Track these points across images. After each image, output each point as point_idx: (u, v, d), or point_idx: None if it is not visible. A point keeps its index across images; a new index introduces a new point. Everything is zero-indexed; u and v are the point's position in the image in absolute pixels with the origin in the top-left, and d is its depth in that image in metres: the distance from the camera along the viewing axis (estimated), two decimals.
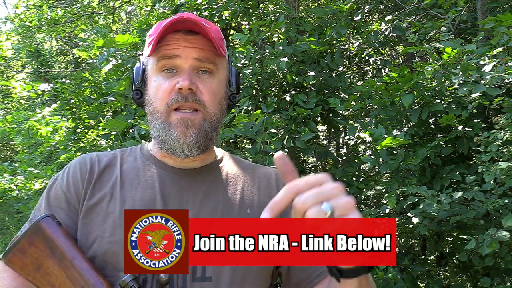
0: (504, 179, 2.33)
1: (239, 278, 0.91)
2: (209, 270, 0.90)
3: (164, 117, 0.94)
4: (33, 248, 0.87)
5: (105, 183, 0.97)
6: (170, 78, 0.93)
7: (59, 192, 0.97)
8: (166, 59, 0.93)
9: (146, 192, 0.95)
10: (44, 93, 5.04)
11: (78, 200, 0.96)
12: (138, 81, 0.99)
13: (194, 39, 0.94)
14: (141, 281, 0.87)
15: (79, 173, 0.98)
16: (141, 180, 0.98)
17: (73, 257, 0.86)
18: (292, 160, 2.82)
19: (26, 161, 4.90)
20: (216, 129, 0.97)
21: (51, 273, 0.86)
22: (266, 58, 3.23)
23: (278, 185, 1.03)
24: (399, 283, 2.80)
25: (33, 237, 0.87)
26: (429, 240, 3.94)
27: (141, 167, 1.01)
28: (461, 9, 3.29)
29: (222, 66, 0.99)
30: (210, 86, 0.95)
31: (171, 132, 0.93)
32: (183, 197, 0.95)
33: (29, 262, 0.86)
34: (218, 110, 0.97)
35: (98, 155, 1.03)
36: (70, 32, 8.44)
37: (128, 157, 1.04)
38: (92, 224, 0.93)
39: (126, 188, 0.96)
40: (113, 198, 0.95)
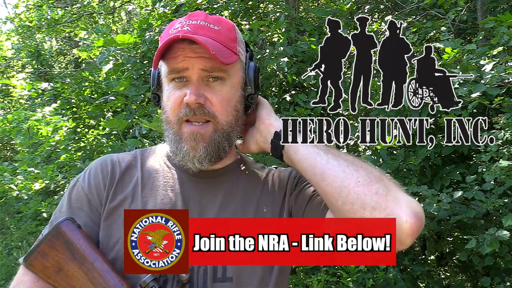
0: (504, 179, 2.33)
1: (259, 278, 0.92)
2: (230, 271, 0.90)
3: (176, 129, 0.95)
4: (54, 251, 0.88)
5: (126, 185, 0.98)
6: (180, 89, 0.93)
7: (81, 194, 0.98)
8: (176, 73, 0.93)
9: (167, 195, 0.96)
10: (44, 93, 5.04)
11: (100, 202, 0.96)
12: (154, 85, 1.00)
13: (200, 48, 0.91)
14: (161, 282, 0.88)
15: (100, 175, 0.99)
16: (162, 182, 0.98)
17: (94, 259, 0.87)
18: None
19: (26, 161, 4.90)
20: (229, 138, 0.96)
21: (72, 276, 0.87)
22: (266, 58, 3.23)
23: (290, 174, 1.04)
24: (399, 283, 2.80)
25: (53, 240, 0.88)
26: (429, 240, 3.94)
27: (161, 168, 1.01)
28: (461, 9, 3.28)
29: (234, 69, 0.96)
30: (220, 94, 0.93)
31: (182, 145, 0.94)
32: (204, 199, 0.96)
33: (50, 265, 0.88)
34: (232, 116, 0.96)
35: (118, 156, 1.04)
36: (70, 32, 8.44)
37: (148, 158, 1.04)
38: (114, 226, 0.94)
39: (147, 190, 0.97)
40: (134, 200, 0.96)
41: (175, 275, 0.88)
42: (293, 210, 0.99)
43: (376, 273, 2.76)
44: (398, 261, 3.11)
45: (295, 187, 1.02)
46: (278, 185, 1.02)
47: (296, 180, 1.02)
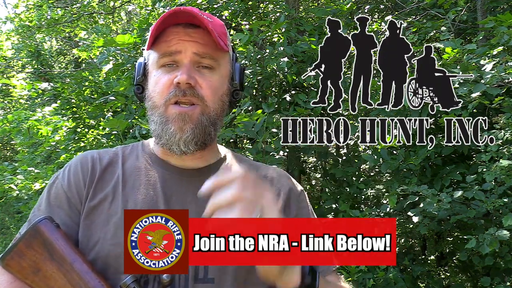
0: (504, 179, 2.33)
1: (241, 279, 0.90)
2: (211, 271, 0.89)
3: (162, 110, 0.92)
4: (31, 251, 0.85)
5: (107, 183, 0.95)
6: (170, 73, 0.92)
7: (60, 192, 0.95)
8: (167, 56, 0.92)
9: (148, 193, 0.94)
10: (44, 93, 5.04)
11: (80, 200, 0.94)
12: (139, 75, 0.98)
13: (195, 33, 0.92)
14: (142, 283, 0.86)
15: (80, 172, 0.96)
16: (143, 180, 0.96)
17: (73, 260, 0.85)
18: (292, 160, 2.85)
19: (26, 161, 4.89)
20: (215, 124, 0.95)
21: (50, 277, 0.85)
22: (267, 58, 3.23)
23: (282, 183, 1.02)
24: (399, 283, 2.80)
25: (31, 240, 0.86)
26: (429, 240, 3.94)
27: (143, 166, 0.99)
28: (461, 9, 3.28)
29: (224, 61, 0.97)
30: (210, 81, 0.93)
31: (168, 127, 0.91)
32: (186, 198, 0.94)
33: (27, 265, 0.85)
34: (218, 106, 0.95)
35: (99, 153, 1.01)
36: (70, 32, 8.44)
37: (130, 155, 1.02)
38: (94, 226, 0.91)
39: (128, 189, 0.95)
40: (115, 199, 0.93)
41: (156, 276, 0.86)
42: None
43: (376, 273, 2.76)
44: (398, 261, 3.11)
45: (290, 205, 1.01)
46: (272, 189, 1.00)
47: (295, 198, 1.02)
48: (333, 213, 3.48)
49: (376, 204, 3.49)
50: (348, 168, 3.32)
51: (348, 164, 3.45)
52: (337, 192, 3.39)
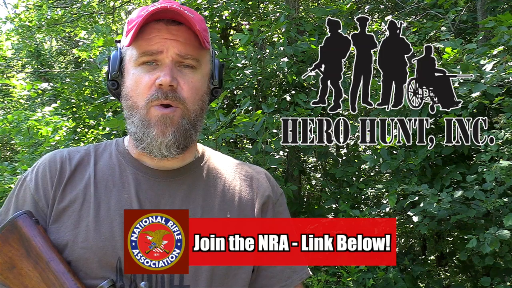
0: (505, 179, 2.33)
1: (218, 284, 0.88)
2: (187, 278, 0.86)
3: (143, 113, 0.88)
4: (8, 247, 0.83)
5: (77, 184, 0.91)
6: (150, 72, 0.88)
7: (28, 195, 0.91)
8: (148, 56, 0.88)
9: (122, 196, 0.90)
10: (44, 93, 5.04)
11: (47, 203, 0.89)
12: (115, 71, 0.92)
13: (177, 30, 0.88)
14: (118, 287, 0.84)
15: (48, 173, 0.91)
16: (116, 182, 0.92)
17: (50, 259, 0.82)
18: (292, 160, 2.85)
19: (26, 161, 4.89)
20: (195, 126, 0.92)
21: (25, 274, 0.82)
22: (267, 58, 3.23)
23: (260, 186, 0.99)
24: (399, 283, 2.80)
25: (8, 235, 0.83)
26: (429, 240, 3.94)
27: (116, 166, 0.94)
28: (461, 9, 3.28)
29: (205, 60, 0.94)
30: (191, 82, 0.90)
31: (150, 130, 0.88)
32: (161, 201, 0.91)
33: (3, 261, 0.82)
34: (198, 106, 0.92)
35: (69, 152, 0.96)
36: (70, 32, 8.44)
37: (102, 154, 0.97)
38: (63, 228, 0.87)
39: (101, 190, 0.90)
40: (86, 200, 0.89)
41: (132, 282, 0.84)
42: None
43: (376, 273, 2.76)
44: (398, 261, 3.11)
45: (267, 210, 0.97)
46: (248, 189, 0.98)
47: (272, 204, 0.98)
48: (333, 213, 3.48)
49: (376, 204, 3.50)
50: (348, 168, 3.32)
51: (348, 164, 3.45)
52: (337, 192, 3.39)
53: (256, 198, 0.96)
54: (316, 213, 3.59)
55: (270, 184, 1.01)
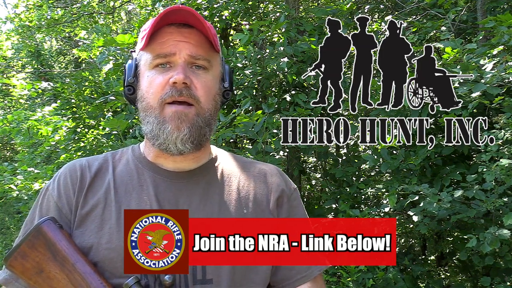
0: (505, 179, 2.33)
1: (239, 279, 0.90)
2: (209, 272, 0.89)
3: (158, 112, 0.92)
4: (35, 252, 0.86)
5: (97, 189, 0.95)
6: (164, 73, 0.92)
7: (51, 203, 0.95)
8: (162, 58, 0.92)
9: (141, 198, 0.93)
10: (44, 93, 5.04)
11: (70, 209, 0.93)
12: (130, 76, 0.97)
13: (188, 33, 0.93)
14: (144, 284, 0.86)
15: (70, 181, 0.95)
16: (135, 185, 0.95)
17: (75, 261, 0.85)
18: (292, 160, 2.85)
19: (26, 161, 4.89)
20: (209, 125, 0.95)
21: (53, 277, 0.85)
22: (267, 58, 3.23)
23: (274, 181, 1.01)
24: (399, 283, 2.80)
25: (34, 240, 0.86)
26: (429, 240, 3.94)
27: (134, 170, 0.98)
28: (461, 9, 3.28)
29: (216, 62, 0.98)
30: (204, 81, 0.93)
31: (165, 126, 0.91)
32: (179, 201, 0.94)
33: (31, 266, 0.86)
34: (212, 106, 0.95)
35: (88, 160, 1.00)
36: (70, 32, 8.43)
37: (120, 160, 1.01)
38: (87, 232, 0.91)
39: (121, 194, 0.94)
40: (107, 205, 0.93)
41: (156, 279, 0.86)
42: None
43: (376, 273, 2.76)
44: (398, 261, 3.11)
45: (283, 204, 1.00)
46: (262, 185, 1.00)
47: (287, 198, 1.01)
48: (333, 213, 3.48)
49: (376, 204, 3.49)
50: (348, 168, 3.32)
51: (348, 164, 3.45)
52: (337, 192, 3.39)
53: (270, 193, 0.99)
54: (316, 213, 3.59)
55: (283, 179, 1.04)
